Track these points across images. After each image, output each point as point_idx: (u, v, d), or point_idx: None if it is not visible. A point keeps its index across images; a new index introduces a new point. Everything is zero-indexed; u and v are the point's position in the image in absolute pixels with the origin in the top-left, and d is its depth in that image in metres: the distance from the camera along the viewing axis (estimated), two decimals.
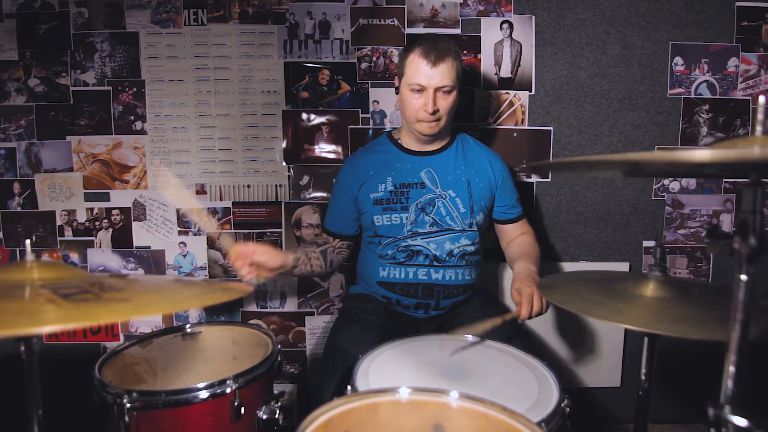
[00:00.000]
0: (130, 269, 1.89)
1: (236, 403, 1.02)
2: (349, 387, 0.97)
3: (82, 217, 1.87)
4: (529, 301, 1.24)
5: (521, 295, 1.26)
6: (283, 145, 1.86)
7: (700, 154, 0.47)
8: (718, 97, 1.88)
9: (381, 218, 1.46)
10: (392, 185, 1.47)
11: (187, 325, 1.33)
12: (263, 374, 1.10)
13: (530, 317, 1.24)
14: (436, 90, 1.35)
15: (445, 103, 1.38)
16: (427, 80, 1.34)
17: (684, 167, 0.59)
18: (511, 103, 1.87)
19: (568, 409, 0.94)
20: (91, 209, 1.87)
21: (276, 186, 1.88)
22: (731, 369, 0.61)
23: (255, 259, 1.24)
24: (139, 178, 1.86)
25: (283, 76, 1.83)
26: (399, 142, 1.54)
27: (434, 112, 1.36)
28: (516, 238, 1.57)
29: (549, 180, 1.91)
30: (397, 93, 1.48)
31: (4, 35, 1.78)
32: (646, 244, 1.95)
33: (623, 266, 1.94)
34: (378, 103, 1.85)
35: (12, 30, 1.77)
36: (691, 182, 1.93)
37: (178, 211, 1.87)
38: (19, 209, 1.85)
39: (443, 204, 1.47)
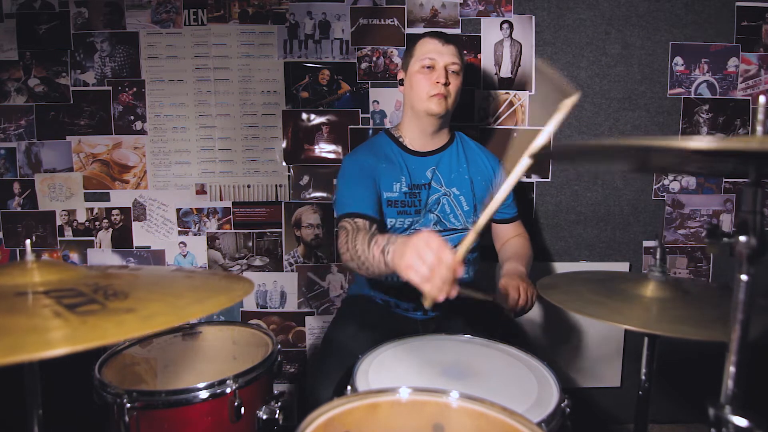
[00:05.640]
0: None
1: (236, 403, 1.02)
2: (349, 387, 0.97)
3: (82, 217, 1.87)
4: (516, 289, 1.24)
5: (508, 286, 1.25)
6: (283, 145, 1.86)
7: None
8: (718, 97, 1.88)
9: (395, 221, 1.44)
10: (406, 186, 1.44)
11: (187, 325, 1.33)
12: (263, 374, 1.10)
13: (517, 308, 1.23)
14: (446, 68, 1.39)
15: (454, 83, 1.41)
16: (438, 55, 1.39)
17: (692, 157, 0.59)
18: (511, 103, 1.87)
19: (568, 409, 0.94)
20: (91, 209, 1.87)
21: (276, 186, 1.88)
22: (731, 369, 0.61)
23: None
24: (139, 178, 1.86)
25: (283, 76, 1.83)
26: (402, 141, 1.50)
27: (446, 84, 1.38)
28: (510, 239, 1.57)
29: (549, 180, 1.91)
30: (401, 85, 1.48)
31: (4, 35, 1.78)
32: (646, 244, 1.95)
33: (623, 266, 1.94)
34: (378, 103, 1.85)
35: (12, 30, 1.77)
36: (691, 182, 1.93)
37: (177, 211, 1.87)
38: (19, 209, 1.85)
39: (447, 201, 1.47)
